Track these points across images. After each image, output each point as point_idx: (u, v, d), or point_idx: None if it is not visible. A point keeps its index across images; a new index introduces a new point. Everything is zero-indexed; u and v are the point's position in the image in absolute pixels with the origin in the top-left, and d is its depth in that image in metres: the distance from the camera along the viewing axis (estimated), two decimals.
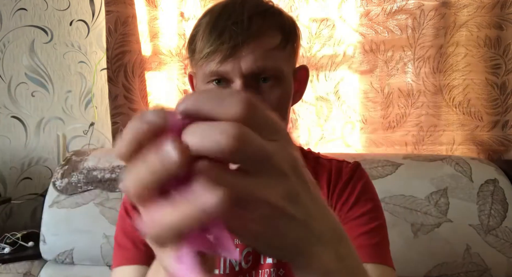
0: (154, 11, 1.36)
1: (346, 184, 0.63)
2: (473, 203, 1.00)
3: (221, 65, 0.53)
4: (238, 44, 0.52)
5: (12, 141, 1.51)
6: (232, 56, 0.52)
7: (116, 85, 1.35)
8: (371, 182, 0.66)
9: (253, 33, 0.53)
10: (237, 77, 0.53)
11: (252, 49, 0.53)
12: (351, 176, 0.64)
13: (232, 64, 0.53)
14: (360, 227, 0.58)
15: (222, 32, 0.53)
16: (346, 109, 1.32)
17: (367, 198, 0.62)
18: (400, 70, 1.27)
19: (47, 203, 1.11)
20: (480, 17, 1.21)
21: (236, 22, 0.53)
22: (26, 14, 1.48)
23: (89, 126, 1.48)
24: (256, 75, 0.54)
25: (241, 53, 0.52)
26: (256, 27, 0.54)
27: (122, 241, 0.62)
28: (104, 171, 1.12)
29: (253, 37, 0.53)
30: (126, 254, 0.60)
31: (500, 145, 1.23)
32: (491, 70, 1.22)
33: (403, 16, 1.26)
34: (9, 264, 1.13)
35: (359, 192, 0.62)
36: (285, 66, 0.57)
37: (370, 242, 0.57)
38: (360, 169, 0.66)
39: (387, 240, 0.61)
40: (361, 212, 0.60)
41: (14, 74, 1.50)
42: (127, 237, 0.62)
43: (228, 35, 0.52)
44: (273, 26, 0.56)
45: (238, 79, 0.53)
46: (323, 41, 1.30)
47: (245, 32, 0.52)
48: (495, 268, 0.97)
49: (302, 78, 0.65)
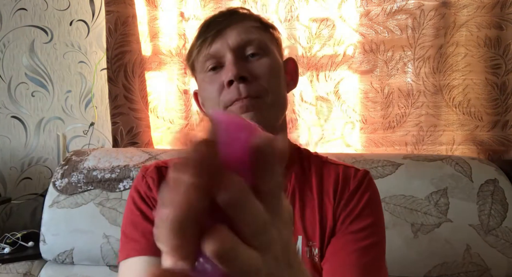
0: (154, 11, 1.36)
1: (353, 194, 0.62)
2: (473, 203, 1.00)
3: (211, 47, 0.60)
4: (223, 27, 0.61)
5: (12, 141, 1.51)
6: (219, 36, 0.60)
7: (116, 85, 1.35)
8: (377, 192, 0.65)
9: (235, 19, 0.62)
10: (227, 51, 0.59)
11: (235, 28, 0.61)
12: (359, 186, 0.63)
13: (220, 42, 0.60)
14: (356, 243, 0.58)
15: (209, 25, 0.63)
16: (346, 109, 1.32)
17: (370, 211, 0.61)
18: (400, 70, 1.27)
19: (47, 203, 1.11)
20: (480, 17, 1.21)
21: (220, 16, 0.64)
22: (26, 14, 1.48)
23: (89, 126, 1.48)
24: (243, 49, 0.60)
25: (226, 33, 0.60)
26: (237, 17, 0.63)
27: (130, 233, 0.61)
28: (104, 171, 1.12)
29: (235, 21, 0.62)
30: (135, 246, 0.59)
31: (500, 145, 1.23)
32: (491, 70, 1.22)
33: (403, 16, 1.26)
34: (9, 264, 1.13)
35: (364, 204, 0.61)
36: (269, 43, 0.63)
37: (360, 261, 0.57)
38: (368, 179, 0.65)
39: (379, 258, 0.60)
40: (360, 226, 0.60)
41: (14, 74, 1.50)
42: (135, 228, 0.60)
43: (214, 25, 0.62)
44: (252, 17, 0.65)
45: (228, 53, 0.59)
46: (323, 41, 1.30)
47: (227, 20, 0.62)
48: (495, 268, 0.97)
49: (292, 69, 0.69)
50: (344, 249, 0.58)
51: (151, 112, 1.40)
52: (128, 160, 1.14)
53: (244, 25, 0.61)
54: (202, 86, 0.63)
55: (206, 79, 0.61)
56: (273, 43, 0.64)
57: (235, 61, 0.58)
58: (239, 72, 0.57)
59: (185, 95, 1.38)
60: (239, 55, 0.59)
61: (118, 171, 1.11)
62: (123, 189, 1.09)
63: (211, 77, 0.60)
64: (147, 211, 0.61)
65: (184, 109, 1.39)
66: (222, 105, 0.59)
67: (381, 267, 0.60)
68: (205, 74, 0.62)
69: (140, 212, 0.62)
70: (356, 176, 0.64)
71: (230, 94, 0.58)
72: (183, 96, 1.38)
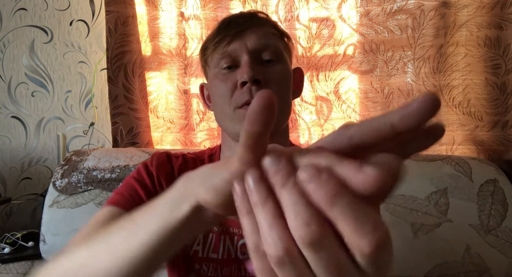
0: (154, 11, 1.36)
1: None
2: (473, 203, 1.00)
3: (229, 46, 0.61)
4: (243, 29, 0.62)
5: (12, 141, 1.51)
6: (238, 37, 0.61)
7: (116, 85, 1.35)
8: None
9: (255, 22, 0.63)
10: (244, 53, 0.60)
11: (255, 31, 0.62)
12: None
13: (239, 43, 0.61)
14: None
15: (229, 24, 0.63)
16: (346, 109, 1.32)
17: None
18: (400, 70, 1.27)
19: (47, 203, 1.11)
20: (480, 17, 1.21)
21: (240, 17, 0.64)
22: (26, 14, 1.48)
23: (89, 126, 1.48)
24: (259, 53, 0.61)
25: (246, 34, 0.61)
26: (257, 20, 0.64)
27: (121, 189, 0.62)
28: (104, 171, 1.12)
29: (255, 25, 0.63)
30: (119, 199, 0.60)
31: (500, 145, 1.23)
32: (491, 70, 1.22)
33: (403, 16, 1.26)
34: (9, 264, 1.13)
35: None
36: (284, 51, 0.64)
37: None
38: None
39: None
40: None
41: (14, 74, 1.50)
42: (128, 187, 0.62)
43: (234, 25, 0.63)
44: (270, 23, 0.66)
45: (245, 54, 0.60)
46: (323, 41, 1.30)
47: (248, 21, 0.63)
48: (495, 268, 0.97)
49: (299, 78, 0.70)
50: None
51: (151, 112, 1.40)
52: (128, 160, 1.14)
53: (263, 29, 0.63)
54: (214, 82, 0.64)
55: (220, 76, 0.62)
56: (286, 52, 0.66)
57: (251, 63, 0.59)
58: (254, 75, 0.57)
59: (185, 95, 1.38)
60: (255, 58, 0.60)
61: (118, 171, 1.11)
62: None
63: (225, 75, 0.61)
64: (146, 180, 0.63)
65: (184, 109, 1.39)
66: (233, 105, 0.59)
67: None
68: (219, 70, 0.62)
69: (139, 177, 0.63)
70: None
71: (242, 95, 0.58)
72: (183, 96, 1.38)
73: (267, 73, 0.60)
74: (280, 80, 0.61)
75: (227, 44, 0.61)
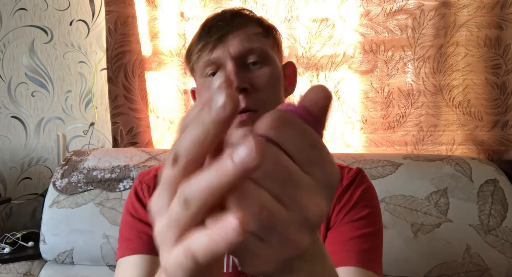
0: (154, 11, 1.36)
1: (345, 189, 0.64)
2: (473, 203, 1.00)
3: (212, 53, 0.60)
4: (225, 34, 0.60)
5: (12, 141, 1.51)
6: (220, 43, 0.59)
7: (116, 85, 1.35)
8: (372, 189, 0.66)
9: (237, 24, 0.61)
10: (228, 59, 0.59)
11: (238, 35, 0.60)
12: (352, 182, 0.65)
13: (221, 49, 0.59)
14: (353, 231, 0.59)
15: (210, 29, 0.61)
16: (346, 109, 1.32)
17: (365, 204, 0.62)
18: (400, 70, 1.27)
19: (47, 203, 1.11)
20: (480, 17, 1.21)
21: (221, 20, 0.62)
22: (26, 14, 1.48)
23: (89, 126, 1.48)
24: (244, 57, 0.60)
25: (228, 39, 0.60)
26: (239, 21, 0.62)
27: (125, 233, 0.64)
28: (104, 171, 1.12)
29: (237, 27, 0.61)
30: (129, 244, 0.62)
31: (500, 145, 1.23)
32: (491, 70, 1.22)
33: (403, 16, 1.26)
34: (9, 264, 1.13)
35: (358, 198, 0.62)
36: (270, 50, 0.63)
37: (360, 247, 0.58)
38: (362, 176, 0.66)
39: (378, 247, 0.61)
40: (357, 217, 0.61)
41: (14, 74, 1.50)
42: (130, 228, 0.63)
43: (215, 30, 0.61)
44: (253, 21, 0.64)
45: (229, 61, 0.59)
46: (323, 41, 1.30)
47: (229, 24, 0.61)
48: (495, 268, 0.97)
49: (291, 73, 0.69)
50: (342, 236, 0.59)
51: (151, 112, 1.40)
52: (128, 160, 1.14)
53: (246, 32, 0.61)
54: (202, 91, 0.64)
55: (206, 85, 0.62)
56: (274, 49, 0.64)
57: (236, 70, 0.57)
58: (240, 84, 0.56)
59: (185, 95, 1.38)
60: (240, 64, 0.59)
61: (118, 171, 1.11)
62: (123, 189, 1.09)
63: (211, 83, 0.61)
64: (142, 213, 0.64)
65: (184, 109, 1.39)
66: None
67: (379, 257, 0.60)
68: (205, 79, 0.62)
69: (136, 213, 0.65)
70: (348, 173, 0.66)
71: None
72: (183, 96, 1.38)
73: (253, 78, 0.59)
74: (268, 83, 0.60)
75: (210, 52, 0.60)
